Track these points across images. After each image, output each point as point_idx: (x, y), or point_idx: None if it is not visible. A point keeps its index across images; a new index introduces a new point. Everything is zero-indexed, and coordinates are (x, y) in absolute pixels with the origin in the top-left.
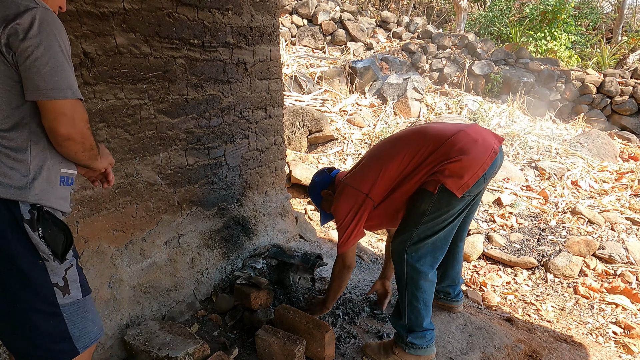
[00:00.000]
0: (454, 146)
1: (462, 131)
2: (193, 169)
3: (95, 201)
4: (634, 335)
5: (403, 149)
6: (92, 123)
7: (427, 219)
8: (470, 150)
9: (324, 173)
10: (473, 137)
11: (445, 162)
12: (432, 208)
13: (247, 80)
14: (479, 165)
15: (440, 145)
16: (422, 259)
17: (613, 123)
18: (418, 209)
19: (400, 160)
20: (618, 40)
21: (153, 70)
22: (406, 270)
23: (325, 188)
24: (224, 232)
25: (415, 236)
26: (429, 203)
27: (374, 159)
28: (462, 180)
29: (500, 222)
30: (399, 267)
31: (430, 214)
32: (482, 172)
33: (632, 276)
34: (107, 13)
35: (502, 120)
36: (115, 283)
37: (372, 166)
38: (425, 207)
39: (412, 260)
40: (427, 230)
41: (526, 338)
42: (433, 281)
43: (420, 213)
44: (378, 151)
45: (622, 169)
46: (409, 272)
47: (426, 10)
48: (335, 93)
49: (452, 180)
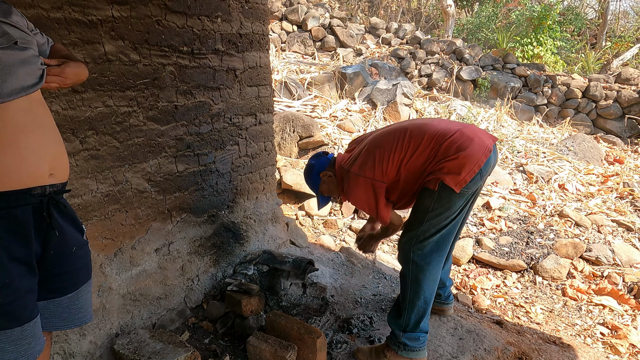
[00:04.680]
0: (453, 145)
1: (460, 130)
2: (183, 176)
3: (84, 209)
4: (620, 335)
5: (406, 142)
6: (80, 131)
7: (431, 215)
8: (467, 148)
9: (321, 156)
10: (469, 136)
11: (444, 160)
12: (435, 205)
13: (236, 86)
14: (475, 162)
15: (441, 144)
16: (428, 257)
17: (598, 127)
18: (422, 207)
19: (405, 152)
20: (602, 46)
21: (142, 78)
22: (411, 268)
23: (324, 170)
24: (214, 239)
25: (421, 234)
26: (431, 200)
27: (379, 148)
28: (459, 177)
29: (490, 226)
30: (404, 266)
31: (433, 210)
32: (478, 168)
33: (618, 277)
34: (96, 21)
35: (491, 125)
36: (105, 292)
37: (378, 155)
38: (428, 204)
39: (418, 259)
40: (432, 227)
41: (516, 340)
42: (436, 281)
43: (424, 210)
44: (382, 141)
45: (608, 172)
46: (414, 270)
47: (414, 17)
48: (325, 99)
49: (451, 176)
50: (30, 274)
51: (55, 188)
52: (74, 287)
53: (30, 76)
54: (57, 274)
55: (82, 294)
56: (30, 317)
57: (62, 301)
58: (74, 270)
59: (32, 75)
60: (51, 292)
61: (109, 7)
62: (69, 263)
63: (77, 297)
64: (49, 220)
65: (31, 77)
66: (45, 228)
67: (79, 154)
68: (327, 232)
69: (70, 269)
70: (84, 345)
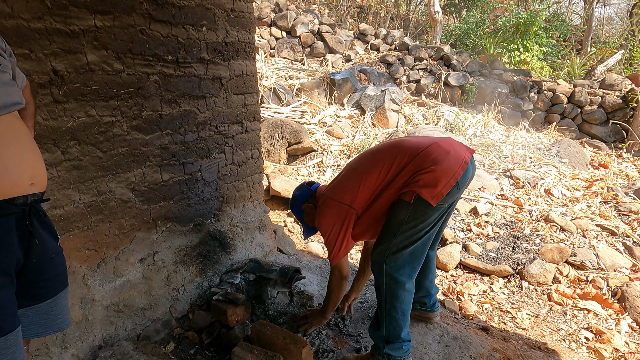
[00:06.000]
0: (428, 157)
1: (435, 143)
2: (168, 185)
3: (66, 220)
4: (604, 340)
5: (380, 161)
6: (62, 141)
7: (405, 228)
8: (443, 161)
9: (304, 187)
10: (445, 149)
11: (420, 173)
12: (409, 218)
13: (222, 95)
14: (451, 175)
15: (415, 157)
16: (401, 269)
17: (583, 132)
18: (396, 219)
19: (379, 173)
20: (587, 52)
21: (126, 87)
22: (385, 280)
23: (306, 202)
24: (200, 248)
25: (394, 246)
26: (406, 213)
27: (353, 171)
28: (436, 190)
29: (477, 231)
30: (378, 278)
31: (407, 223)
32: (455, 181)
33: (602, 282)
34: (78, 31)
35: (478, 130)
36: (87, 303)
37: (352, 178)
38: (402, 216)
39: (391, 271)
40: (405, 240)
41: (501, 347)
42: (411, 291)
43: (398, 223)
44: (357, 164)
45: (593, 176)
46: (388, 282)
47: (403, 23)
48: (314, 105)
49: (427, 190)
50: (11, 284)
51: (36, 197)
52: (52, 294)
53: (11, 96)
54: (37, 281)
55: (60, 300)
56: (13, 326)
57: (41, 308)
58: (52, 277)
59: (14, 95)
60: (30, 300)
61: (92, 17)
62: (48, 270)
63: (55, 304)
64: (30, 228)
65: (12, 96)
66: (27, 237)
67: (61, 165)
68: (315, 239)
69: (49, 276)
70: (65, 358)
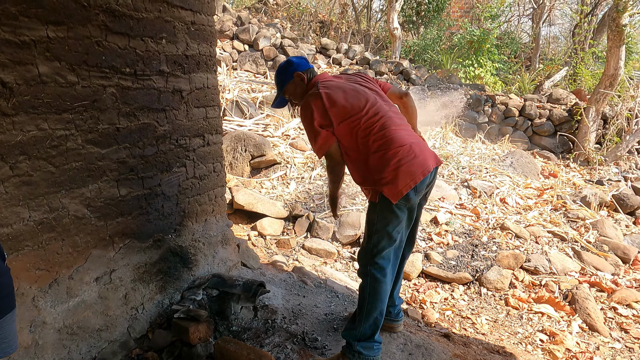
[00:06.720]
0: (397, 155)
1: (411, 145)
2: (126, 200)
3: (14, 239)
4: (557, 341)
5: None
6: (11, 156)
7: (377, 228)
8: (408, 162)
9: (305, 59)
10: (416, 152)
11: (384, 169)
12: (378, 217)
13: (183, 108)
14: (412, 177)
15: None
16: (384, 269)
17: (534, 143)
18: (368, 221)
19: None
20: (536, 68)
21: (81, 100)
22: (369, 281)
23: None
24: (160, 265)
25: (374, 247)
26: (374, 213)
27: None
28: (396, 188)
29: (438, 240)
30: (363, 279)
31: (377, 223)
32: (414, 184)
33: (555, 285)
34: (29, 41)
35: (437, 142)
36: (38, 327)
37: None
38: (372, 217)
39: (375, 271)
40: (381, 239)
41: (462, 352)
42: (388, 292)
43: (371, 224)
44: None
45: (544, 185)
46: (372, 282)
47: (364, 38)
48: (277, 117)
49: (388, 187)
50: None
51: None
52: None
53: None
54: None
55: (7, 323)
56: None
57: None
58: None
59: None
60: None
61: (44, 28)
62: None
63: (2, 327)
64: None
65: None
66: None
67: (9, 181)
68: (280, 252)
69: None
70: None
